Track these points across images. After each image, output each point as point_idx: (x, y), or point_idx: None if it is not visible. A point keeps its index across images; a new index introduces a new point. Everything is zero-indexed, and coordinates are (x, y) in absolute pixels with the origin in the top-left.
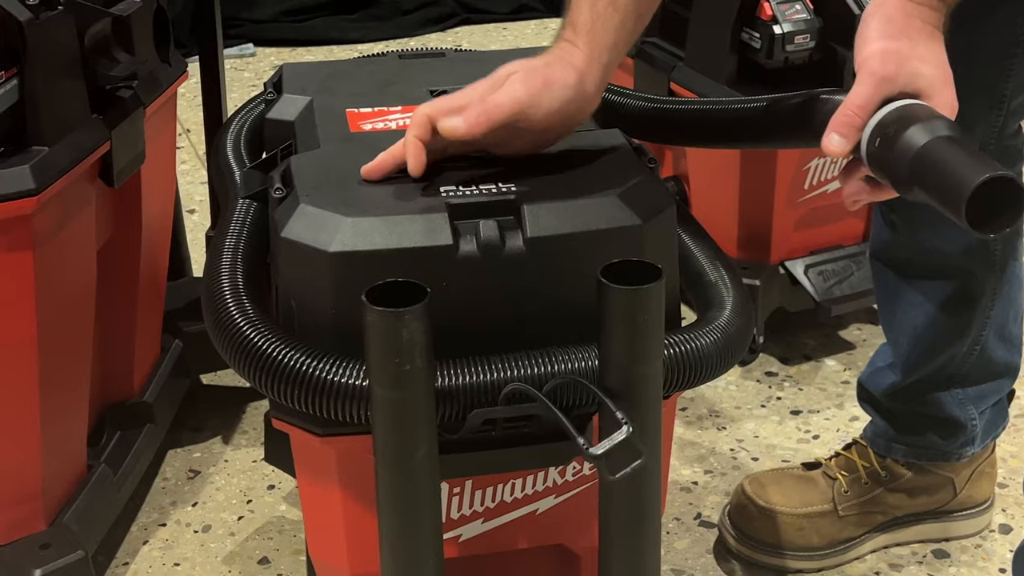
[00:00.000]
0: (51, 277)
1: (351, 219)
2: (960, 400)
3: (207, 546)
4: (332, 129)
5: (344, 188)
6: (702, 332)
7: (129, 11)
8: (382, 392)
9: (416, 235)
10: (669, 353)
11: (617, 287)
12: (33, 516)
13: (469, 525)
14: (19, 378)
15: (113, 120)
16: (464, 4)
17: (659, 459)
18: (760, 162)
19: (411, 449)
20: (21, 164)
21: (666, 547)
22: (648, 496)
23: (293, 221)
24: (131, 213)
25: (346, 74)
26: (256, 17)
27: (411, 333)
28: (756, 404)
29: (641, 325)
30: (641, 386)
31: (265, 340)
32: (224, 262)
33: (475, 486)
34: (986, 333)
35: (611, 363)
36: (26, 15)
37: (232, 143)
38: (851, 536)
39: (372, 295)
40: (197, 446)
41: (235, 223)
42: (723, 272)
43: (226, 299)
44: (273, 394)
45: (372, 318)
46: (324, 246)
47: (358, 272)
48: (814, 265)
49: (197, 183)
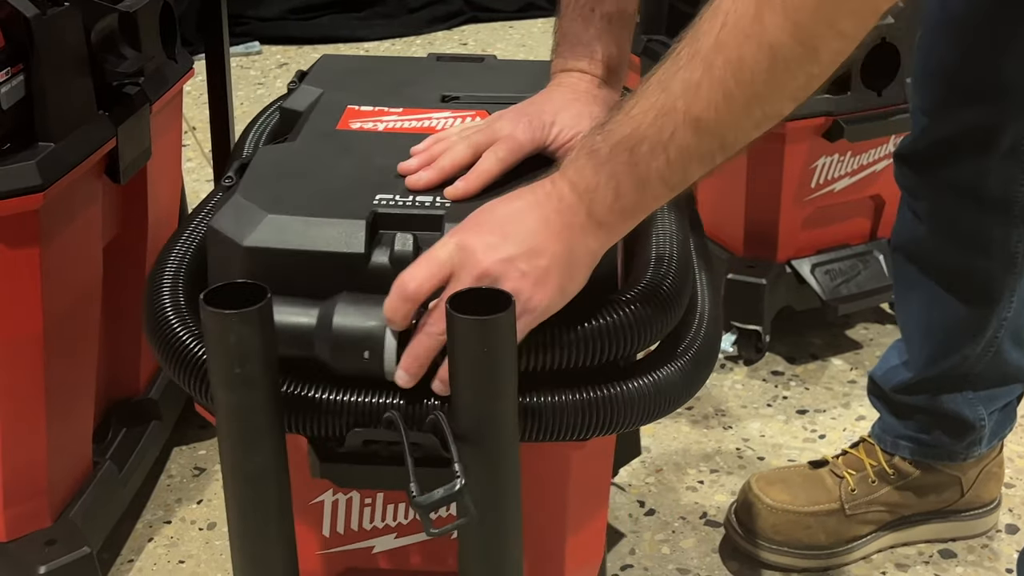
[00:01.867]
0: (57, 273)
1: (271, 215)
2: (971, 401)
3: (212, 543)
4: (318, 124)
5: (287, 183)
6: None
7: (136, 7)
8: (218, 393)
9: (331, 239)
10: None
11: (460, 316)
12: (39, 512)
13: (381, 538)
14: (25, 374)
15: (119, 116)
16: (471, 2)
17: (513, 511)
18: (767, 160)
19: (248, 454)
20: (28, 160)
21: (671, 546)
22: (499, 553)
23: (223, 211)
24: (137, 210)
25: (374, 71)
26: (262, 15)
27: (240, 336)
28: (762, 403)
29: (484, 357)
30: (490, 426)
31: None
32: (171, 253)
33: (386, 500)
34: (1001, 335)
35: (456, 399)
36: (33, 11)
37: (258, 132)
38: (858, 535)
39: (215, 294)
40: (202, 443)
41: (202, 211)
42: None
43: (161, 290)
44: None
45: (205, 319)
46: (239, 239)
47: (269, 268)
48: (821, 264)
49: (203, 181)
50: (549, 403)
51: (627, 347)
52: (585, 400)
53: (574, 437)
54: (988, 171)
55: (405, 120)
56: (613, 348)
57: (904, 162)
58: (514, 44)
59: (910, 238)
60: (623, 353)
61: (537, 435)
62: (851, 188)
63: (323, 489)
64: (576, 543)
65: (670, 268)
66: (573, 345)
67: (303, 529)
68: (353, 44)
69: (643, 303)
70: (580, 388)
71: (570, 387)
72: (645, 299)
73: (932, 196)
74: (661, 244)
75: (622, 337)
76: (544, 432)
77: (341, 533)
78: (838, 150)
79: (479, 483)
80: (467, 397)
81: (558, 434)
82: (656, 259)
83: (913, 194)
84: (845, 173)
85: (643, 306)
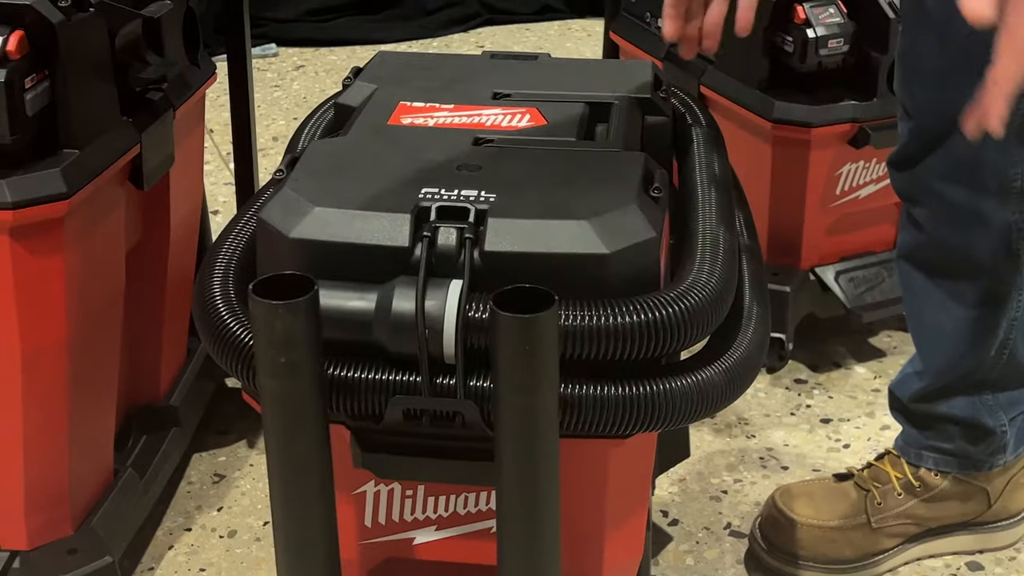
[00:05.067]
0: (81, 280)
1: (318, 208)
2: (990, 406)
3: (232, 551)
4: (371, 119)
5: (336, 177)
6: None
7: (159, 13)
8: (264, 381)
9: (375, 233)
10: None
11: (503, 314)
12: (60, 521)
13: (422, 530)
14: (48, 381)
15: (143, 122)
16: (487, 5)
17: (551, 507)
18: (791, 167)
19: (293, 440)
20: (52, 167)
21: (695, 557)
22: (537, 549)
23: (272, 203)
24: (160, 215)
25: (428, 68)
26: (279, 17)
27: (286, 326)
28: (785, 412)
29: (526, 354)
30: (530, 422)
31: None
32: (224, 243)
33: (427, 492)
34: (1015, 337)
35: (497, 394)
36: (58, 17)
37: (312, 127)
38: (884, 548)
39: (263, 285)
40: (222, 450)
41: (256, 202)
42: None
43: (212, 280)
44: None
45: (253, 309)
46: (286, 231)
47: (315, 260)
48: (845, 271)
49: (221, 184)
50: (589, 396)
51: (666, 345)
52: (624, 395)
53: (612, 433)
54: (982, 158)
55: (456, 116)
56: (650, 346)
57: (898, 168)
58: (531, 47)
59: (914, 246)
60: (662, 351)
61: (576, 428)
62: (876, 195)
63: (366, 479)
64: (615, 541)
65: (715, 267)
66: (612, 340)
67: (345, 518)
68: (370, 46)
69: (685, 301)
70: (620, 383)
71: (610, 382)
72: (687, 297)
73: (929, 198)
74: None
75: (659, 335)
76: (583, 425)
77: (383, 524)
78: (863, 157)
79: (518, 479)
80: (507, 392)
81: (597, 427)
82: (701, 257)
83: (911, 200)
84: (870, 180)
85: (684, 304)
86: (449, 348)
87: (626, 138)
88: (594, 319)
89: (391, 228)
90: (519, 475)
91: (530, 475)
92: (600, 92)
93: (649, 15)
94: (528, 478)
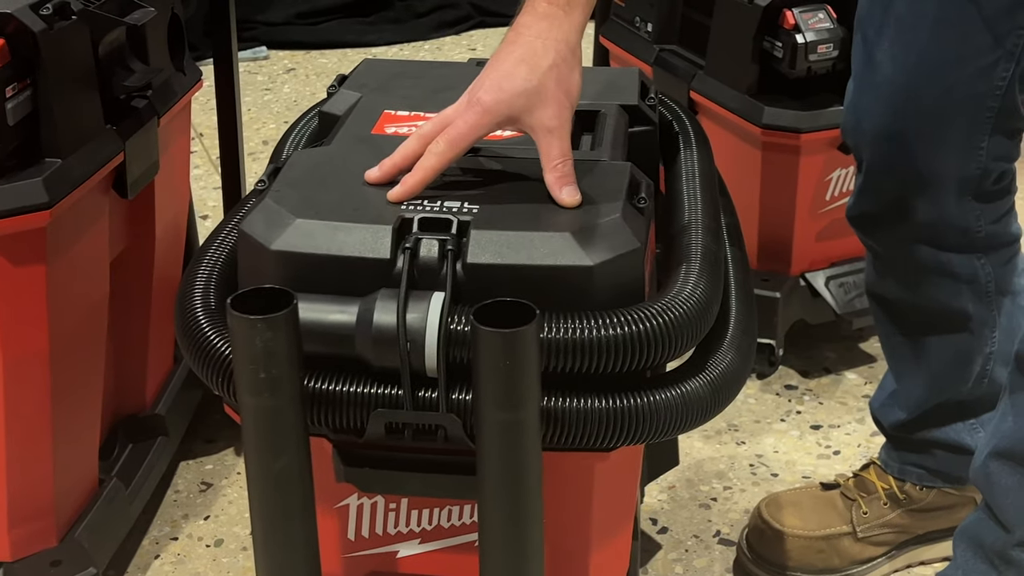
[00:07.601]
0: (64, 290)
1: (300, 220)
2: (972, 427)
3: (219, 560)
4: (354, 128)
5: (318, 187)
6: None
7: (143, 20)
8: (243, 397)
9: (357, 244)
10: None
11: (484, 328)
12: (44, 532)
13: (406, 543)
14: (31, 392)
15: (127, 131)
16: (479, 7)
17: (535, 522)
18: (781, 173)
19: (273, 456)
20: (34, 177)
21: (684, 565)
22: (520, 565)
23: (253, 214)
24: (145, 224)
25: (413, 76)
26: (270, 20)
27: (266, 342)
28: (775, 418)
29: (507, 369)
30: (512, 436)
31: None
32: (206, 254)
33: (411, 505)
34: (991, 366)
35: (478, 408)
36: (40, 25)
37: (296, 136)
38: (872, 556)
39: (241, 300)
40: (209, 458)
41: (237, 213)
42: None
43: (194, 291)
44: None
45: (230, 323)
46: (267, 243)
47: (297, 273)
48: (835, 277)
49: (210, 188)
50: (572, 409)
51: (650, 358)
52: (608, 408)
53: (596, 446)
54: (944, 219)
55: None
56: (634, 359)
57: (858, 226)
58: None
59: (882, 289)
60: (646, 364)
61: (559, 441)
62: None
63: (349, 492)
64: (600, 555)
65: (700, 279)
66: (595, 353)
67: (328, 531)
68: (361, 49)
69: (669, 313)
70: (604, 396)
71: (594, 395)
72: (671, 309)
73: (893, 253)
74: (692, 252)
75: (643, 348)
76: (566, 439)
77: (366, 537)
78: (853, 162)
79: (501, 493)
80: (489, 407)
81: (580, 441)
82: (687, 267)
83: (874, 252)
84: None
85: (668, 316)
86: (431, 361)
87: (612, 148)
88: (577, 332)
89: (373, 240)
90: (502, 489)
91: (513, 489)
92: (586, 100)
93: (639, 20)
94: (511, 492)
